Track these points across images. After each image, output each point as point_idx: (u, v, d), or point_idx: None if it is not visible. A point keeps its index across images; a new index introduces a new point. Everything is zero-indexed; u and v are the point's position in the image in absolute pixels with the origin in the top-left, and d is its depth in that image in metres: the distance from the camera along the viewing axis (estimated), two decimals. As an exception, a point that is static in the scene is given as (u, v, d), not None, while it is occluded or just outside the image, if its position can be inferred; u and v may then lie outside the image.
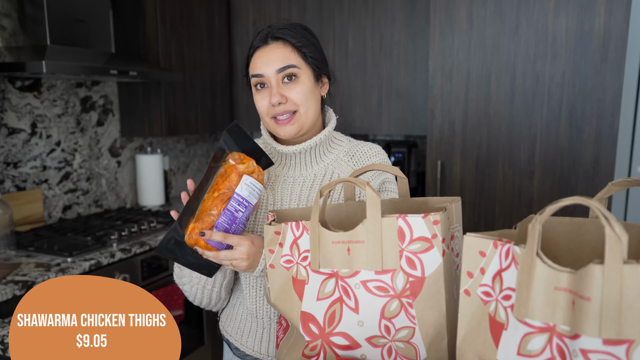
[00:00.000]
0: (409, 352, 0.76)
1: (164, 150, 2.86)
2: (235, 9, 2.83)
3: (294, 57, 1.03)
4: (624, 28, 1.85)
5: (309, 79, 1.05)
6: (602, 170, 1.95)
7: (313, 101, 1.06)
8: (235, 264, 0.96)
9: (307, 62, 1.05)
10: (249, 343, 1.13)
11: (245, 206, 0.94)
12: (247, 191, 0.94)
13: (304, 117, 1.05)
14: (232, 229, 0.94)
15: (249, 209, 0.95)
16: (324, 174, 1.11)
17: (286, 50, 1.03)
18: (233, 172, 0.93)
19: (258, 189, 0.95)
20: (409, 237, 0.73)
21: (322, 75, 1.09)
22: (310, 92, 1.05)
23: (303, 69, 1.04)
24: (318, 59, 1.07)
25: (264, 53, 1.03)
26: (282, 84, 1.03)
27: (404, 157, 2.56)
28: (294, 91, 1.03)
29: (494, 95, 2.08)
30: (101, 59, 2.13)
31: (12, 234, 1.84)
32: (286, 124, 1.05)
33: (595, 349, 0.53)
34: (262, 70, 1.03)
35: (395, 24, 2.46)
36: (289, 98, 1.03)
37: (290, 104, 1.03)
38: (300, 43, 1.04)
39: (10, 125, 2.07)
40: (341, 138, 1.17)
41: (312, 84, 1.05)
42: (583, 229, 0.70)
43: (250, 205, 0.95)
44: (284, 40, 1.03)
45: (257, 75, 1.04)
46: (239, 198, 0.93)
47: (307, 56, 1.05)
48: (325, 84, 1.12)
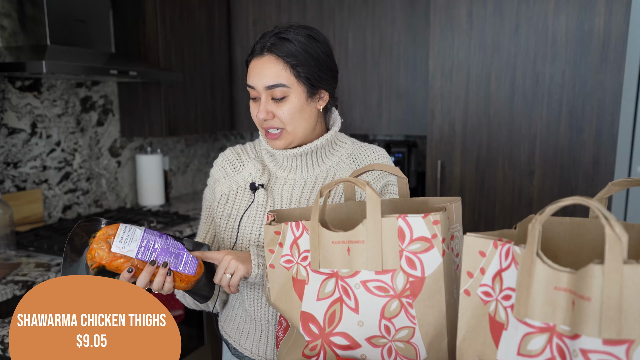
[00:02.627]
0: (409, 352, 0.76)
1: (164, 150, 2.86)
2: (235, 9, 2.83)
3: (285, 76, 1.00)
4: (624, 28, 1.85)
5: (298, 98, 1.02)
6: (602, 170, 1.95)
7: (302, 119, 1.04)
8: (231, 270, 0.96)
9: (300, 80, 1.01)
10: (247, 345, 1.13)
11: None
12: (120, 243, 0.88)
13: (292, 135, 1.05)
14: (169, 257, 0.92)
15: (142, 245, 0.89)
16: (326, 176, 1.10)
17: (277, 67, 1.00)
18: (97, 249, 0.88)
19: (124, 234, 0.88)
20: (409, 237, 0.73)
21: (319, 89, 1.06)
22: (299, 112, 1.03)
23: (293, 87, 1.01)
24: (314, 75, 1.02)
25: (257, 65, 1.02)
26: (271, 100, 1.02)
27: (404, 157, 2.56)
28: (281, 110, 1.02)
29: (494, 95, 2.08)
30: (101, 59, 2.13)
31: (12, 234, 1.84)
32: (275, 139, 1.06)
33: (595, 349, 0.53)
34: (254, 82, 1.03)
35: (395, 24, 2.46)
36: (276, 115, 1.03)
37: (277, 121, 1.04)
38: (295, 60, 1.00)
39: (10, 125, 2.07)
40: (345, 140, 1.15)
41: (303, 102, 1.03)
42: (583, 229, 0.70)
43: (134, 247, 0.89)
44: (277, 56, 1.00)
45: (250, 87, 1.04)
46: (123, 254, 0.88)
47: (300, 74, 1.01)
48: (323, 97, 1.08)
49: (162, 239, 0.92)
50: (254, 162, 1.14)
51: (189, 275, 0.93)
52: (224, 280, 0.96)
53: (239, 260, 0.97)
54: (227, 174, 1.15)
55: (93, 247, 0.87)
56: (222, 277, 0.96)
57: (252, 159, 1.15)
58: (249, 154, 1.17)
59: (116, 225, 0.89)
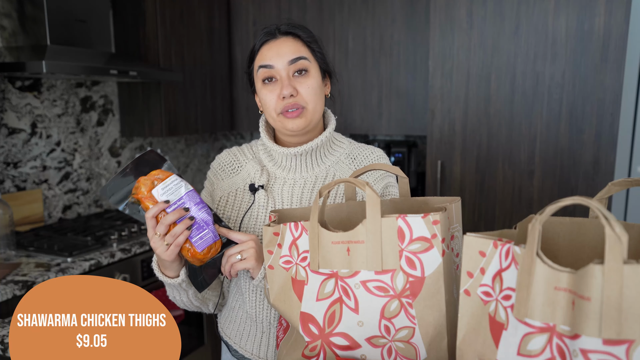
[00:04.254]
0: (409, 352, 0.76)
1: (164, 150, 2.86)
2: (235, 9, 2.83)
3: (305, 51, 1.03)
4: (624, 28, 1.85)
5: (317, 74, 1.05)
6: (602, 170, 1.94)
7: (320, 99, 1.05)
8: (245, 255, 0.95)
9: (316, 58, 1.05)
10: (248, 346, 1.12)
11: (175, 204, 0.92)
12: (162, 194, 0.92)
13: (311, 114, 1.04)
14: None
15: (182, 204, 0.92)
16: (325, 176, 1.10)
17: (297, 44, 1.03)
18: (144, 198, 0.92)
19: (169, 184, 0.92)
20: (408, 237, 0.73)
21: (326, 74, 1.10)
22: (319, 89, 1.05)
23: (313, 63, 1.04)
24: (323, 57, 1.08)
25: (274, 45, 1.02)
26: (293, 77, 1.02)
27: (404, 157, 2.56)
28: (305, 85, 1.02)
29: (494, 95, 2.08)
30: (101, 59, 2.13)
31: (12, 234, 1.84)
32: (295, 117, 1.02)
33: (595, 349, 0.53)
34: (273, 61, 1.01)
35: (395, 24, 2.46)
36: (299, 92, 1.01)
37: (300, 99, 1.02)
38: (310, 39, 1.05)
39: (10, 125, 2.07)
40: (342, 140, 1.15)
41: (319, 81, 1.05)
42: (583, 229, 0.70)
43: (179, 201, 0.92)
44: (293, 35, 1.04)
45: (267, 66, 1.02)
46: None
47: (316, 52, 1.05)
48: (328, 85, 1.11)
49: (197, 207, 0.93)
50: (251, 162, 1.13)
51: (195, 250, 0.93)
52: (232, 259, 0.95)
53: (256, 253, 0.95)
54: (225, 176, 1.14)
55: (140, 180, 0.92)
56: (233, 254, 0.95)
57: (250, 159, 1.14)
58: (247, 155, 1.15)
59: (169, 174, 0.93)
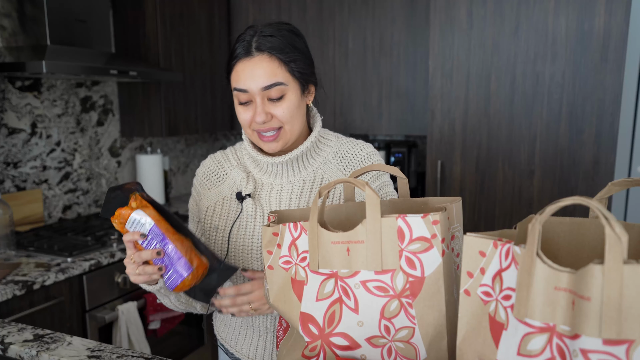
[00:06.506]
0: (409, 352, 0.76)
1: (164, 150, 2.86)
2: (235, 9, 2.83)
3: (281, 73, 0.96)
4: (624, 28, 1.85)
5: (295, 94, 0.98)
6: (602, 170, 1.94)
7: (299, 116, 1.00)
8: (254, 306, 0.99)
9: (294, 77, 0.98)
10: (244, 350, 1.11)
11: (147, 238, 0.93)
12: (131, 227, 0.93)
13: (289, 134, 1.00)
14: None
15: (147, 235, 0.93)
16: (313, 179, 1.06)
17: (272, 66, 0.95)
18: None
19: (133, 223, 0.93)
20: (408, 237, 0.73)
21: (308, 85, 1.03)
22: (297, 108, 0.99)
23: (290, 84, 0.97)
24: (305, 70, 1.00)
25: (248, 66, 0.95)
26: (267, 101, 0.97)
27: (404, 157, 2.56)
28: (280, 109, 0.97)
29: (494, 95, 2.08)
30: (101, 59, 2.13)
31: (12, 234, 1.84)
32: (271, 141, 1.00)
33: (595, 349, 0.53)
34: (247, 85, 0.96)
35: (395, 24, 2.46)
36: (274, 115, 0.97)
37: (275, 121, 0.98)
38: (288, 57, 0.96)
39: (10, 125, 2.07)
40: (329, 137, 1.10)
41: (299, 99, 0.99)
42: (583, 229, 0.70)
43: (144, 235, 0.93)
44: (269, 54, 0.95)
45: (241, 90, 0.97)
46: None
47: (294, 70, 0.97)
48: (311, 93, 1.05)
49: (161, 244, 0.92)
50: (236, 169, 1.10)
51: None
52: (244, 307, 0.99)
53: (259, 304, 0.99)
54: (211, 185, 1.12)
55: (116, 214, 0.94)
56: (243, 303, 0.99)
57: (235, 166, 1.11)
58: (231, 161, 1.12)
59: (129, 213, 0.93)
